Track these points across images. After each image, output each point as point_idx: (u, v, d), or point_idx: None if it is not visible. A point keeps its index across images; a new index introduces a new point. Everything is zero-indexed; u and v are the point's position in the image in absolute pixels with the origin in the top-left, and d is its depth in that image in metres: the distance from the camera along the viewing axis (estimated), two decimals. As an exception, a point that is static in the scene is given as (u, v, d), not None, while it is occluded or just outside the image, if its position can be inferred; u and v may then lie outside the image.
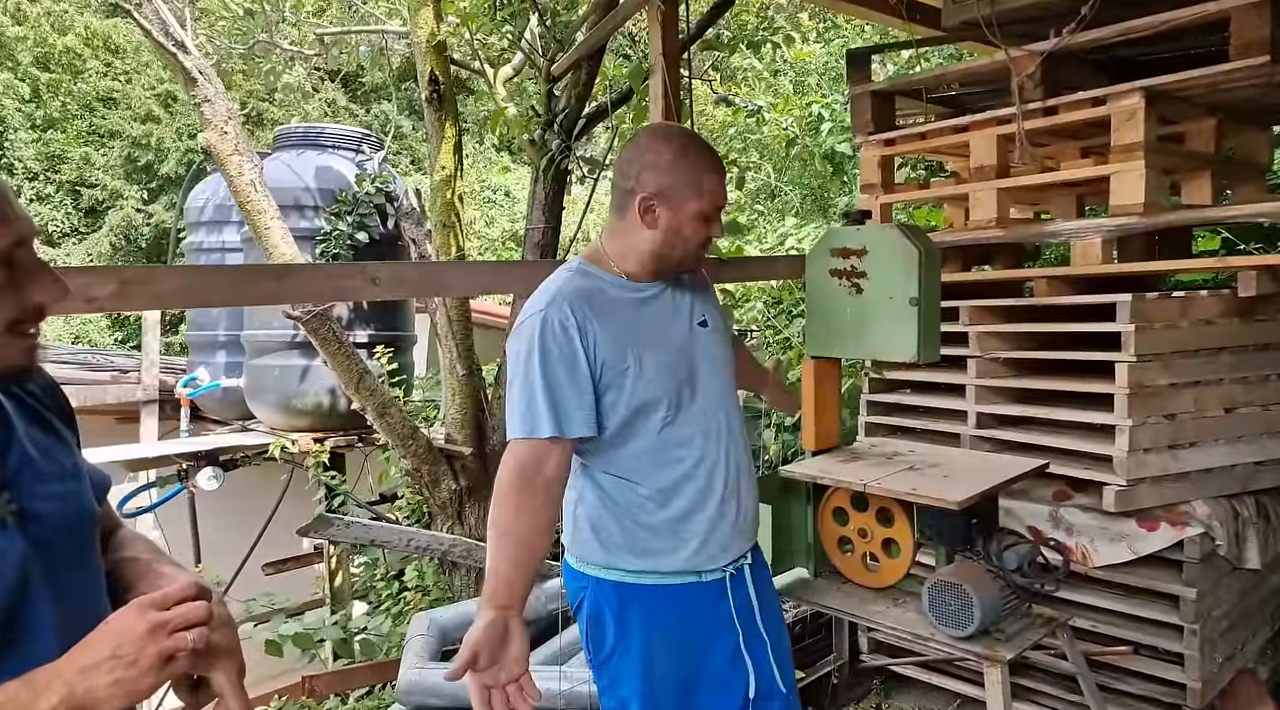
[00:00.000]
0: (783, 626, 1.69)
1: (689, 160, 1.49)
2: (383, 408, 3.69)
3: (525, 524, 1.37)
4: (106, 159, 15.13)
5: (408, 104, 10.96)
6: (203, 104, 3.22)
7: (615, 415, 1.46)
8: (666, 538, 1.50)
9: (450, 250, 3.59)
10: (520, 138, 3.31)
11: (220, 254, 5.04)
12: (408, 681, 2.80)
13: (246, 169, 3.33)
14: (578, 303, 1.44)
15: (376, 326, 4.73)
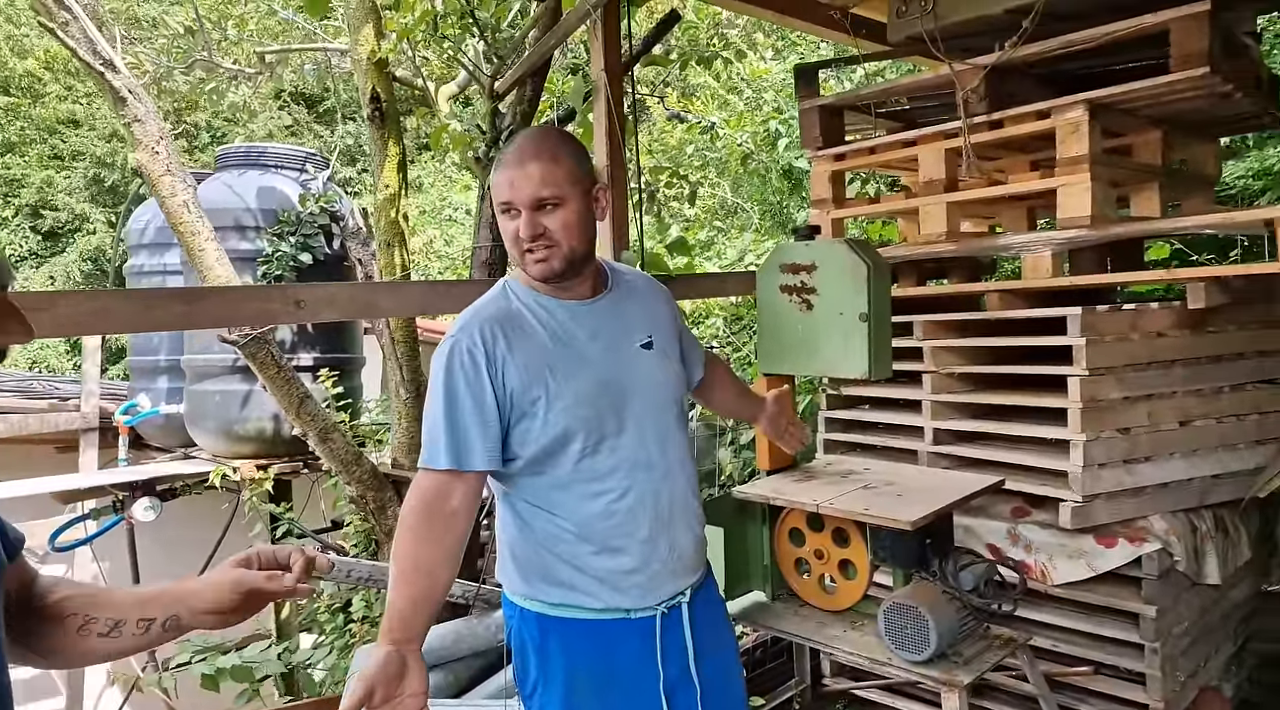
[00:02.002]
0: (732, 672, 1.58)
1: (503, 155, 1.40)
2: (325, 433, 3.55)
3: (425, 555, 1.29)
4: (70, 181, 14.82)
5: (364, 121, 10.83)
6: (133, 123, 3.10)
7: (527, 446, 1.37)
8: (585, 574, 1.40)
9: (395, 270, 3.49)
10: (465, 155, 3.23)
11: (162, 277, 4.88)
12: (345, 721, 2.66)
13: (179, 189, 3.21)
14: (491, 327, 1.36)
15: (322, 349, 4.58)
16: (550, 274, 1.38)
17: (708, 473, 3.42)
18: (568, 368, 1.38)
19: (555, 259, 1.37)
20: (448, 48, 3.16)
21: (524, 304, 1.41)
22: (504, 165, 1.37)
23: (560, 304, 1.42)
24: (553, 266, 1.37)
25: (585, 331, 1.42)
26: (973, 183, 2.49)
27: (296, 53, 4.40)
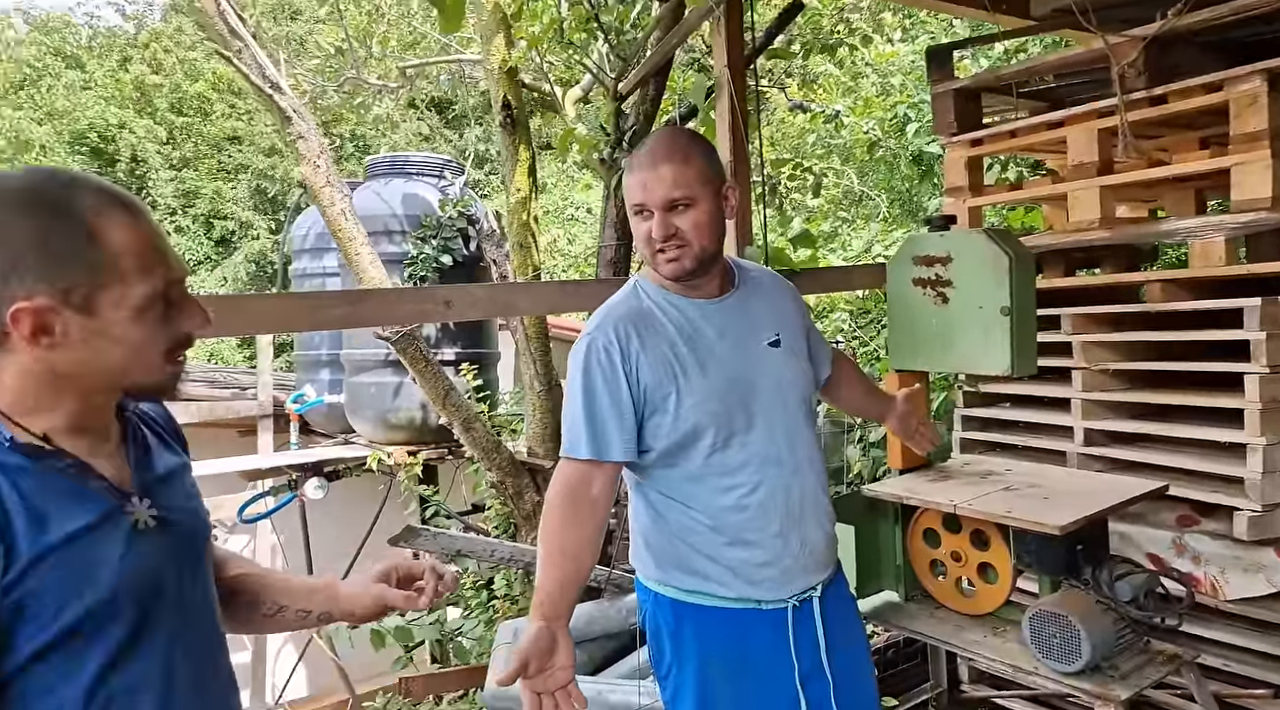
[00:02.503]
0: (864, 668, 1.58)
1: (633, 159, 1.44)
2: (467, 422, 3.78)
3: (570, 539, 1.37)
4: (236, 192, 16.41)
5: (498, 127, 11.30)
6: (297, 140, 3.40)
7: (660, 440, 1.42)
8: (719, 564, 1.44)
9: (527, 270, 3.65)
10: (590, 157, 3.32)
11: (321, 279, 5.33)
12: (493, 689, 2.85)
13: (337, 199, 3.50)
14: (625, 325, 1.41)
15: (462, 344, 4.88)
16: (682, 273, 1.42)
17: (835, 470, 3.38)
18: (697, 365, 1.42)
19: (686, 258, 1.40)
20: (573, 53, 3.26)
21: (654, 303, 1.45)
22: (636, 168, 1.41)
23: (689, 302, 1.46)
24: (684, 266, 1.41)
25: (714, 329, 1.45)
26: (1130, 164, 2.31)
27: (433, 65, 4.66)
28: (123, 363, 0.92)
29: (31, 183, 0.90)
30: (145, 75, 17.60)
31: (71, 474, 0.91)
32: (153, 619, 0.94)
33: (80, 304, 0.88)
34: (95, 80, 18.25)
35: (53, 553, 0.86)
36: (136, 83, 17.67)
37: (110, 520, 0.92)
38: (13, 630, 0.84)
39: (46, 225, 0.87)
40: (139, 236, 0.91)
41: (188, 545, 1.02)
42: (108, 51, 19.28)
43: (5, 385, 0.90)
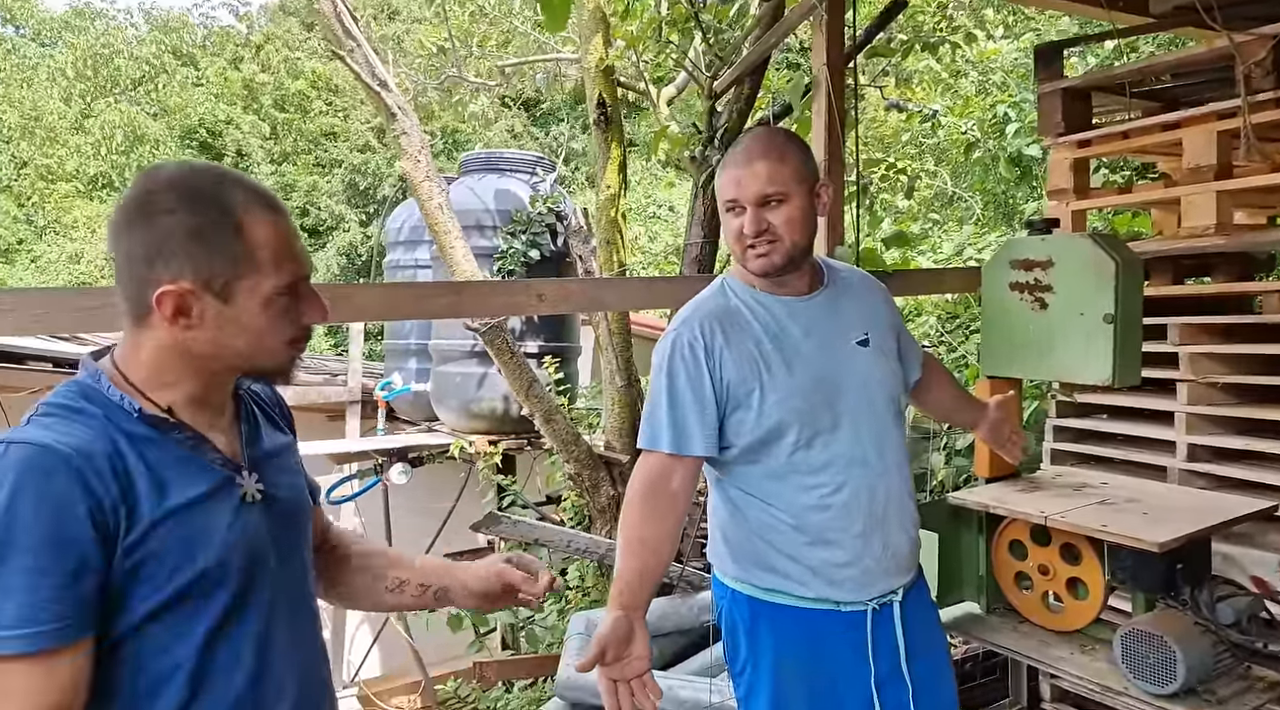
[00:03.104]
0: (944, 675, 1.56)
1: (733, 151, 1.46)
2: (548, 414, 3.87)
3: (650, 532, 1.40)
4: (330, 186, 17.18)
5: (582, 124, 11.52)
6: (400, 136, 3.56)
7: (742, 436, 1.43)
8: (799, 563, 1.44)
9: (612, 266, 3.72)
10: (681, 155, 3.37)
11: (413, 270, 5.55)
12: (566, 677, 2.92)
13: (435, 194, 3.64)
14: (710, 322, 1.43)
15: (545, 338, 5.00)
16: (771, 269, 1.43)
17: (918, 477, 3.32)
18: (783, 363, 1.42)
19: (776, 254, 1.42)
20: (670, 52, 3.31)
21: (742, 301, 1.47)
22: (731, 164, 1.44)
23: (777, 300, 1.47)
24: (773, 261, 1.42)
25: (800, 328, 1.46)
26: (1251, 168, 2.21)
27: (530, 64, 4.80)
28: (249, 348, 0.98)
29: (189, 176, 0.97)
30: (255, 74, 18.60)
31: (190, 446, 0.97)
32: (255, 588, 1.00)
33: (219, 291, 0.95)
34: (207, 78, 19.41)
35: (170, 518, 0.92)
36: (246, 81, 18.71)
37: (222, 491, 0.98)
38: (128, 591, 0.90)
39: (200, 217, 0.94)
40: (278, 233, 0.98)
41: (289, 520, 1.08)
42: (220, 50, 20.46)
43: (141, 360, 0.97)
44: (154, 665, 0.92)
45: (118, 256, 0.96)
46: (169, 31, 21.10)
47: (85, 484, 0.87)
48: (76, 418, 0.92)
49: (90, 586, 0.87)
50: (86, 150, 18.16)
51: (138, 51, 20.07)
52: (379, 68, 3.48)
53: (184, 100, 18.62)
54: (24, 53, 20.35)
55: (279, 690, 1.01)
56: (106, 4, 23.46)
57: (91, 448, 0.89)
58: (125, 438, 0.93)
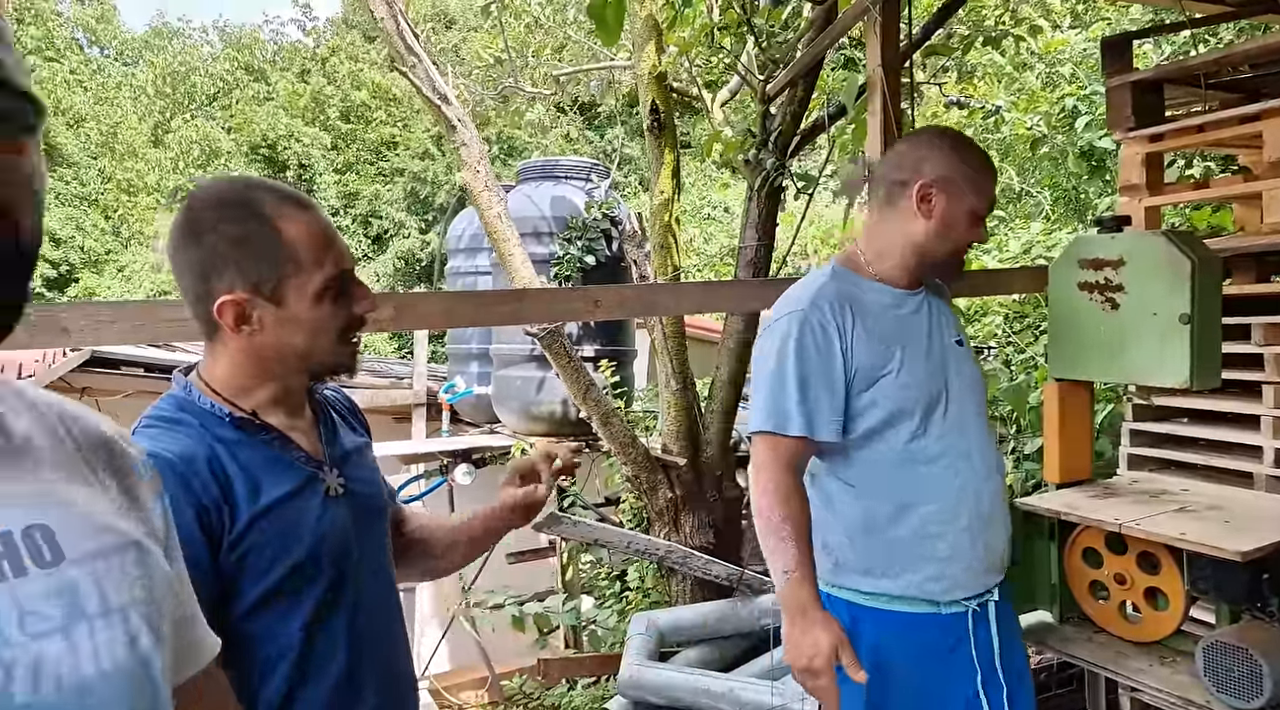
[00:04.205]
0: (1027, 677, 1.55)
1: (970, 154, 1.47)
2: (606, 417, 3.92)
3: (795, 514, 1.37)
4: (391, 193, 17.70)
5: (636, 129, 11.60)
6: (460, 148, 3.66)
7: (865, 420, 1.42)
8: (898, 557, 1.43)
9: (667, 270, 3.75)
10: (735, 158, 3.37)
11: (474, 277, 5.68)
12: (628, 676, 2.97)
13: (494, 202, 3.73)
14: (839, 303, 1.42)
15: (602, 342, 5.06)
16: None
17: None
18: (906, 349, 1.43)
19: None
20: (723, 57, 3.32)
21: (859, 287, 1.47)
22: (984, 167, 1.48)
23: (889, 290, 1.48)
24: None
25: (915, 319, 1.48)
26: (1337, 161, 2.10)
27: (584, 72, 4.86)
28: (306, 344, 1.04)
29: (221, 190, 1.05)
30: (322, 86, 19.25)
31: (276, 446, 1.04)
32: (344, 581, 1.06)
33: (270, 294, 1.01)
34: (276, 92, 20.20)
35: (266, 514, 0.99)
36: (314, 94, 19.40)
37: (309, 487, 1.05)
38: (238, 580, 0.98)
39: (239, 227, 1.00)
40: (313, 230, 1.03)
41: (370, 515, 1.14)
42: (289, 65, 21.26)
43: (221, 369, 1.04)
44: (264, 650, 1.00)
45: (178, 279, 1.04)
46: (241, 48, 22.02)
47: (190, 488, 0.95)
48: (177, 428, 1.00)
49: (198, 582, 0.96)
50: (165, 164, 19.10)
51: (212, 68, 21.01)
52: (439, 81, 3.59)
53: (253, 114, 19.40)
54: (108, 72, 21.52)
55: (369, 679, 1.08)
56: (183, 23, 24.56)
57: (193, 454, 0.97)
58: (220, 443, 1.00)
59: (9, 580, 0.52)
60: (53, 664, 0.52)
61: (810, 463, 1.49)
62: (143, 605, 0.59)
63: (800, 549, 1.34)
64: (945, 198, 1.43)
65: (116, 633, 0.56)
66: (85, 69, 20.90)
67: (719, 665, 3.23)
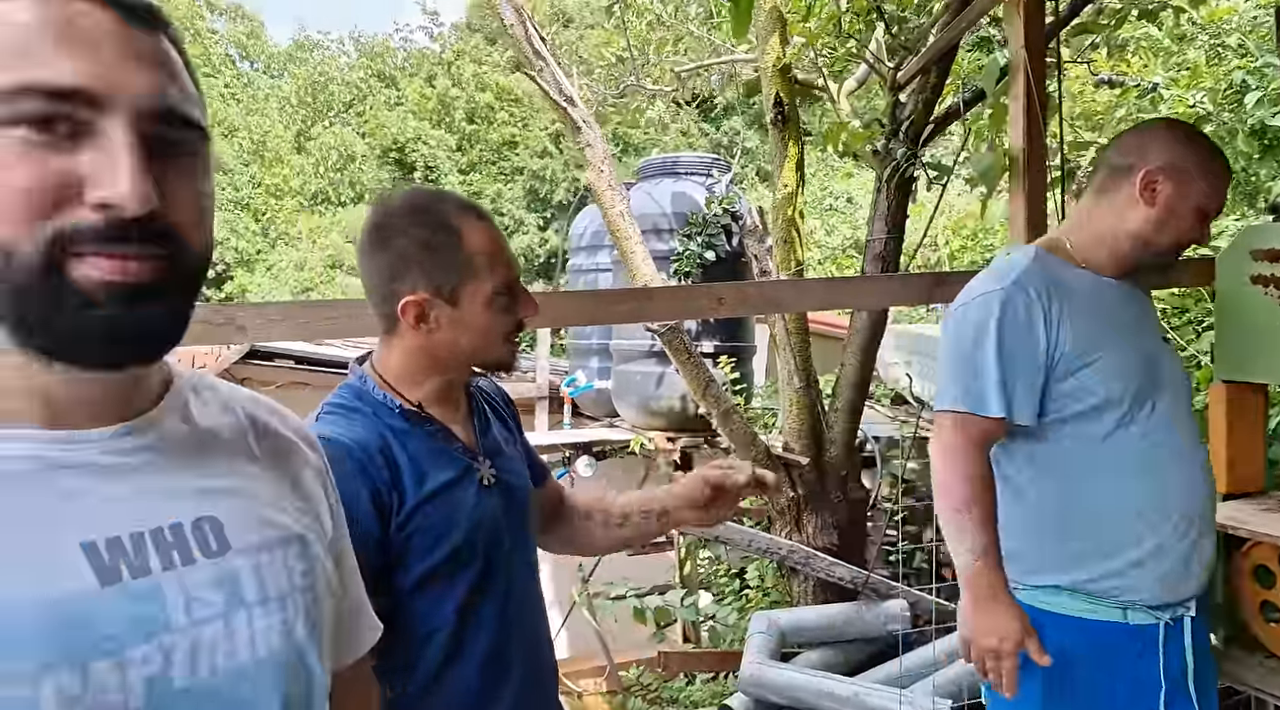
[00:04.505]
0: (1214, 698, 1.45)
1: (1204, 149, 1.40)
2: (725, 414, 3.91)
3: (985, 498, 1.33)
4: (512, 192, 18.32)
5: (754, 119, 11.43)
6: (585, 148, 3.73)
7: (1063, 408, 1.36)
8: (1089, 563, 1.35)
9: (789, 265, 3.68)
10: (863, 148, 3.27)
11: (594, 274, 5.80)
12: (749, 674, 2.97)
13: (617, 201, 3.79)
14: (1045, 286, 1.36)
15: (721, 338, 5.04)
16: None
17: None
18: (1115, 337, 1.38)
19: None
20: (850, 46, 3.22)
21: (1065, 273, 1.41)
22: (1214, 175, 1.41)
23: (1095, 278, 1.42)
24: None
25: (1125, 309, 1.43)
26: None
27: (705, 67, 4.84)
28: (475, 344, 1.11)
29: (411, 200, 1.12)
30: (447, 89, 20.15)
31: (439, 437, 1.11)
32: (494, 566, 1.12)
33: (448, 296, 1.08)
34: (405, 97, 21.31)
35: (429, 501, 1.07)
36: (439, 97, 20.36)
37: (466, 476, 1.12)
38: (405, 557, 1.05)
39: (428, 234, 1.08)
40: (491, 240, 1.11)
41: (517, 505, 1.20)
42: (417, 70, 22.38)
43: (394, 362, 1.13)
44: (424, 623, 1.08)
45: (365, 277, 1.12)
46: (374, 56, 23.36)
47: (366, 472, 1.03)
48: (354, 415, 1.09)
49: (370, 560, 1.03)
50: (307, 169, 20.54)
51: (348, 77, 22.40)
52: (565, 84, 3.67)
53: (385, 119, 20.55)
54: (257, 85, 23.35)
55: (516, 659, 1.14)
56: (323, 36, 26.30)
57: (367, 441, 1.05)
58: (390, 431, 1.08)
59: (177, 568, 0.55)
60: (209, 649, 0.55)
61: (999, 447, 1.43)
62: (301, 595, 0.61)
63: (989, 532, 1.32)
64: (1172, 187, 1.36)
65: (273, 621, 0.59)
66: (237, 83, 22.76)
67: (842, 669, 3.17)
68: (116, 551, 0.52)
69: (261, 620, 0.58)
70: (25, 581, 0.48)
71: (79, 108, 0.49)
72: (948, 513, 1.34)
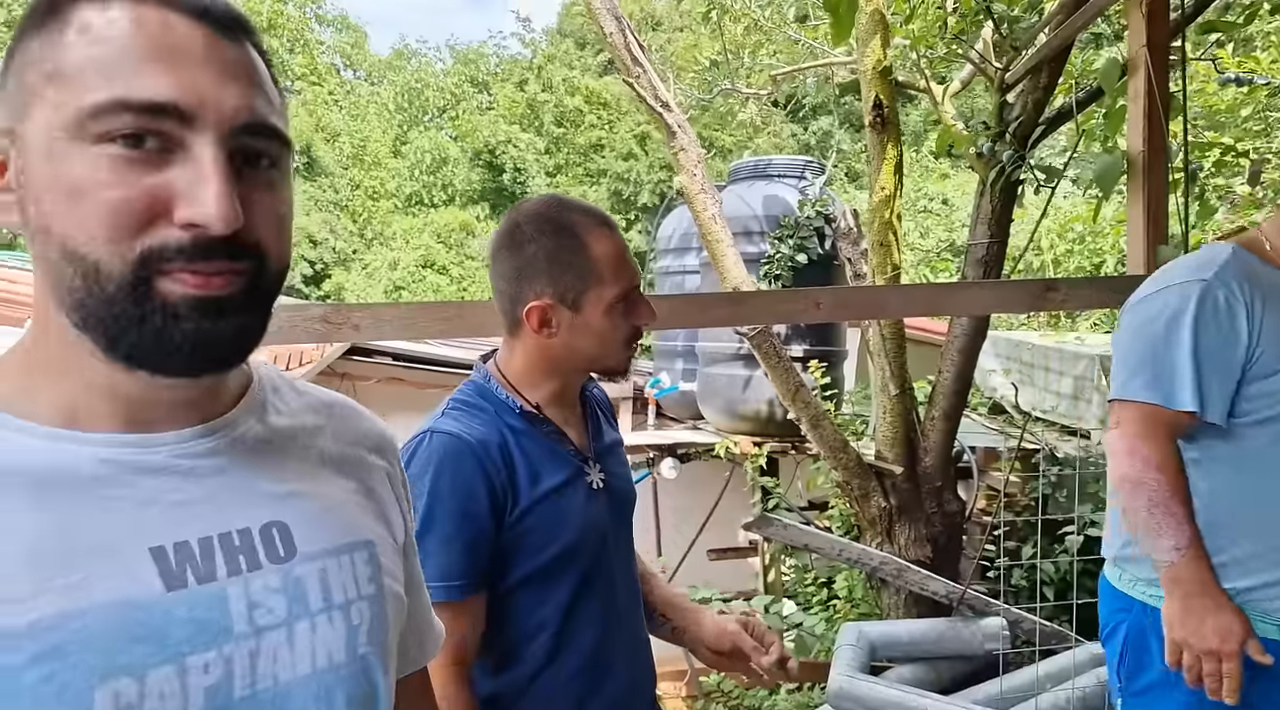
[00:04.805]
0: None
1: None
2: (816, 419, 3.85)
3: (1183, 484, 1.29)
4: (597, 194, 18.57)
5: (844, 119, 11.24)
6: (679, 152, 3.75)
7: (1256, 409, 1.31)
8: (1259, 557, 1.29)
9: (886, 269, 3.60)
10: (967, 151, 3.17)
11: (681, 276, 5.80)
12: (838, 687, 2.91)
13: (709, 204, 3.79)
14: (1248, 283, 1.31)
15: (811, 341, 4.97)
16: None
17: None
18: None
19: None
20: (955, 47, 3.12)
21: (1266, 272, 1.36)
22: None
23: None
24: None
25: None
26: None
27: (801, 70, 4.79)
28: (594, 349, 1.14)
29: (541, 208, 1.15)
30: (536, 93, 20.63)
31: (554, 438, 1.15)
32: (600, 567, 1.15)
33: (571, 302, 1.12)
34: (496, 102, 21.91)
35: (542, 501, 1.10)
36: (528, 101, 20.86)
37: (577, 479, 1.15)
38: (510, 557, 1.09)
39: (554, 242, 1.11)
40: (614, 248, 1.14)
41: (622, 508, 1.23)
42: (509, 76, 22.99)
43: (516, 364, 1.17)
44: (528, 620, 1.11)
45: (495, 280, 1.17)
46: (468, 63, 24.10)
47: (484, 469, 1.07)
48: (476, 413, 1.13)
49: (483, 553, 1.07)
50: (403, 172, 21.38)
51: (443, 83, 23.19)
52: (661, 89, 3.70)
53: (477, 123, 21.18)
54: (358, 92, 24.45)
55: (618, 657, 1.17)
56: (421, 44, 27.32)
57: (488, 438, 1.09)
58: (509, 430, 1.12)
59: (243, 574, 0.54)
60: (270, 658, 0.54)
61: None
62: (368, 604, 0.60)
63: (1191, 525, 1.27)
64: None
65: (337, 628, 0.58)
66: (340, 90, 23.90)
67: (935, 686, 3.08)
68: (184, 556, 0.52)
69: (324, 628, 0.57)
70: (91, 586, 0.48)
71: (170, 123, 0.49)
72: (1141, 510, 1.29)
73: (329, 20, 25.19)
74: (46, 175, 0.49)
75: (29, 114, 0.50)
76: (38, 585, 0.47)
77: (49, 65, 0.49)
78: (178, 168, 0.49)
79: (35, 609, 0.46)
